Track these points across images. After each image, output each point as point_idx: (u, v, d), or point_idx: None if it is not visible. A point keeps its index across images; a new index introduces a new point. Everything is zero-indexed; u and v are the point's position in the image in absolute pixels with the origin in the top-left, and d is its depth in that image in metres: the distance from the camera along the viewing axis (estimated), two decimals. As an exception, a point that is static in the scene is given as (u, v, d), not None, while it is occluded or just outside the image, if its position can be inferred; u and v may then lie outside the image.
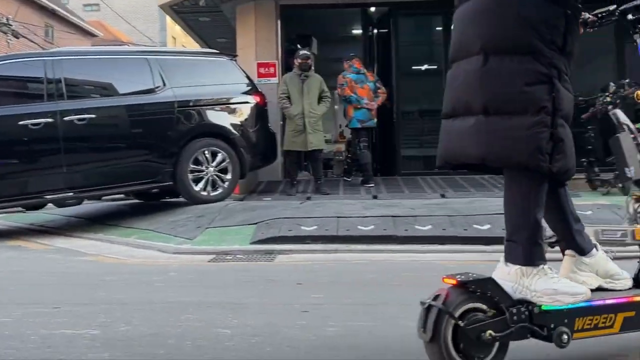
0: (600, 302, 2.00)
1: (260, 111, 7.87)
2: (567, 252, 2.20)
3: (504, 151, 1.93)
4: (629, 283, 2.17)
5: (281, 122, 8.67)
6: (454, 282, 1.86)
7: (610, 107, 5.51)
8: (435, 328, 1.81)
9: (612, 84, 5.50)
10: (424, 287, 2.02)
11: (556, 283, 1.97)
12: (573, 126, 1.85)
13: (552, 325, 1.90)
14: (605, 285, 2.13)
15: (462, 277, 1.87)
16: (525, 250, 1.97)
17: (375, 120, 8.65)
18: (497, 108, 1.93)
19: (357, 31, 11.57)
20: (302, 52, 8.31)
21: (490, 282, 1.92)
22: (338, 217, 6.10)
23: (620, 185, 7.40)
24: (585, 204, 6.41)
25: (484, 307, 1.87)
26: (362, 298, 3.33)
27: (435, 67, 10.43)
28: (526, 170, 1.96)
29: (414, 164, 10.04)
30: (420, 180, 8.64)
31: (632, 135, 5.38)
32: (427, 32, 11.05)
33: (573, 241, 2.19)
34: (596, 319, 1.97)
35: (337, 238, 5.63)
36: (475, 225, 5.77)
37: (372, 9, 10.75)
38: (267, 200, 7.51)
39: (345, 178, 8.68)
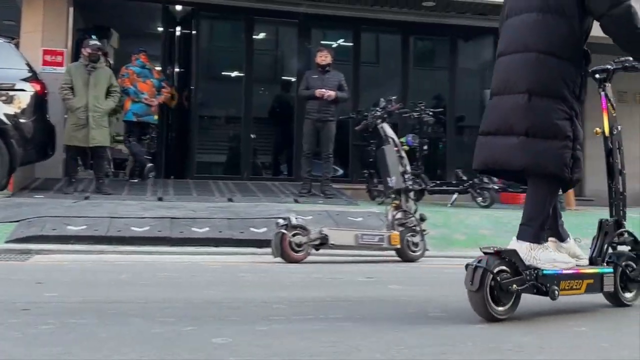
0: (575, 271, 2.92)
1: (38, 101, 7.26)
2: (551, 238, 3.04)
3: (542, 163, 2.82)
4: (587, 262, 3.10)
5: (65, 116, 8.06)
6: (491, 251, 2.67)
7: (379, 121, 5.97)
8: (480, 281, 2.57)
9: (382, 99, 5.87)
10: (169, 287, 1.92)
11: (554, 255, 2.89)
12: (355, 140, 2.06)
13: (548, 285, 2.75)
14: (575, 263, 3.01)
15: (496, 248, 2.68)
16: (536, 233, 2.85)
17: (156, 117, 8.65)
18: (536, 133, 2.81)
19: (161, 29, 11.23)
20: (92, 42, 7.83)
21: (513, 252, 2.74)
22: (111, 217, 5.80)
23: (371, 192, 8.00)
24: (360, 211, 6.81)
25: (509, 269, 2.67)
26: (95, 297, 3.13)
27: (237, 74, 10.45)
28: (553, 178, 2.86)
29: (209, 169, 9.95)
30: (212, 184, 8.56)
31: (395, 148, 5.85)
32: (230, 37, 11.05)
33: (557, 231, 3.12)
34: (572, 283, 2.88)
35: (105, 239, 5.35)
36: (252, 229, 5.82)
37: (178, 7, 10.50)
38: (38, 198, 6.90)
39: (132, 179, 8.33)
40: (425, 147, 8.61)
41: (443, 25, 10.26)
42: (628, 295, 3.15)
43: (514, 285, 2.66)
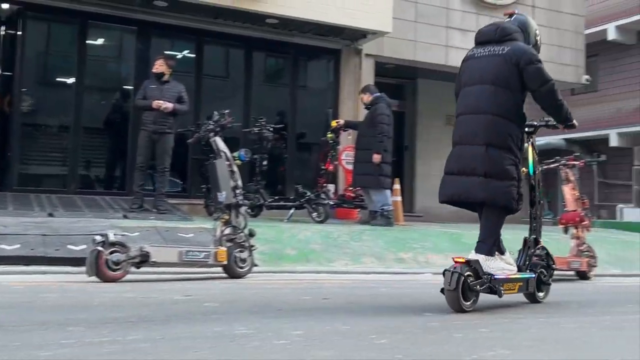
0: (514, 276, 3.91)
1: None
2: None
3: (497, 198, 3.76)
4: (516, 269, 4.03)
5: None
6: (462, 260, 3.57)
7: (211, 134, 5.84)
8: (457, 283, 3.46)
9: (215, 112, 5.75)
10: None
11: (503, 265, 3.86)
12: (195, 153, 1.90)
13: (497, 286, 3.69)
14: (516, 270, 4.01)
15: (466, 258, 3.61)
16: (490, 248, 3.79)
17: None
18: (492, 175, 3.74)
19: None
20: None
21: (476, 262, 3.65)
22: None
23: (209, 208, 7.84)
24: (192, 227, 6.59)
25: (473, 274, 3.59)
26: None
27: (68, 80, 9.76)
28: (504, 209, 3.82)
29: (32, 181, 9.14)
30: (33, 198, 7.89)
31: (227, 162, 5.75)
32: (62, 41, 10.32)
33: (499, 246, 3.92)
34: (510, 285, 3.88)
35: None
36: (69, 246, 5.40)
37: (4, 5, 9.61)
38: None
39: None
40: (265, 163, 8.60)
41: (286, 43, 10.40)
42: (541, 294, 4.23)
43: (478, 286, 3.62)
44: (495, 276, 3.69)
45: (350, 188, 8.89)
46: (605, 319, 3.83)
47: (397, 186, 9.43)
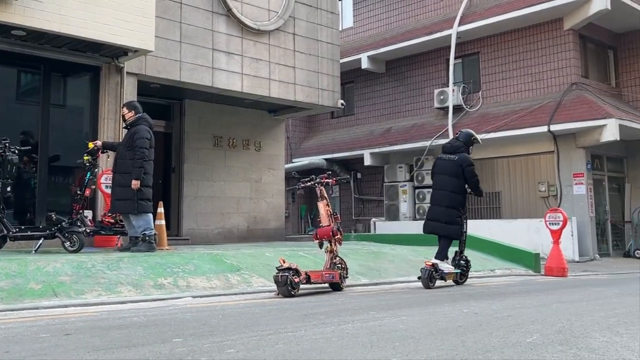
0: (451, 271, 7.88)
1: None
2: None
3: (451, 233, 7.84)
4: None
5: None
6: (430, 263, 7.58)
7: None
8: (427, 274, 7.49)
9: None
10: None
11: (447, 265, 7.81)
12: None
13: (444, 276, 7.76)
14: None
15: (432, 262, 7.62)
16: (443, 257, 7.76)
17: None
18: (449, 222, 7.78)
19: None
20: None
21: (436, 264, 7.60)
22: None
23: None
24: None
25: (435, 270, 7.59)
26: None
27: None
28: (453, 239, 7.89)
29: None
30: None
31: None
32: None
33: (446, 256, 7.87)
34: (450, 275, 7.90)
35: None
36: None
37: None
38: None
39: None
40: (9, 189, 7.74)
41: (38, 57, 9.56)
42: (461, 281, 8.12)
43: (437, 276, 7.54)
44: (445, 271, 7.68)
45: (109, 214, 8.42)
46: (347, 327, 4.08)
47: (160, 210, 9.16)
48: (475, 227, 15.09)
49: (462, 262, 8.01)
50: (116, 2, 9.11)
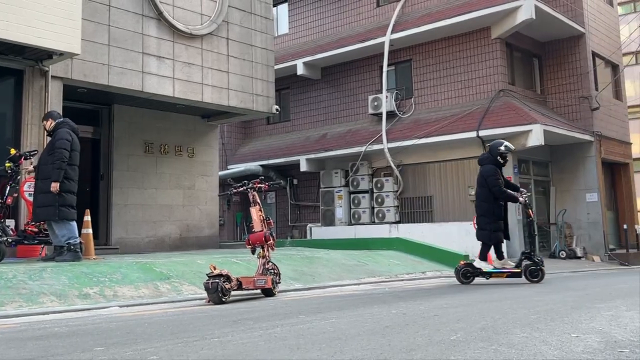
0: (506, 270, 8.84)
1: None
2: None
3: (482, 238, 8.89)
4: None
5: None
6: (464, 262, 8.88)
7: None
8: (460, 272, 8.74)
9: None
10: None
11: (485, 264, 9.07)
12: None
13: (487, 276, 8.85)
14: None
15: (466, 262, 8.96)
16: (482, 258, 8.92)
17: None
18: (479, 227, 8.93)
19: None
20: None
21: (470, 263, 8.83)
22: None
23: None
24: None
25: (470, 268, 8.74)
26: None
27: None
28: (484, 242, 8.94)
29: None
30: None
31: None
32: None
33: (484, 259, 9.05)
34: (501, 275, 8.77)
35: None
36: None
37: None
38: None
39: None
40: None
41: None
42: (535, 279, 8.54)
43: (473, 275, 8.68)
44: (483, 270, 8.66)
45: (32, 223, 8.09)
46: (275, 331, 4.06)
47: (87, 218, 8.88)
48: (408, 231, 15.38)
49: (528, 261, 8.57)
50: (40, 4, 8.79)
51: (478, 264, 8.76)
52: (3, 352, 3.59)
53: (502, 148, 8.72)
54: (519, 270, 8.56)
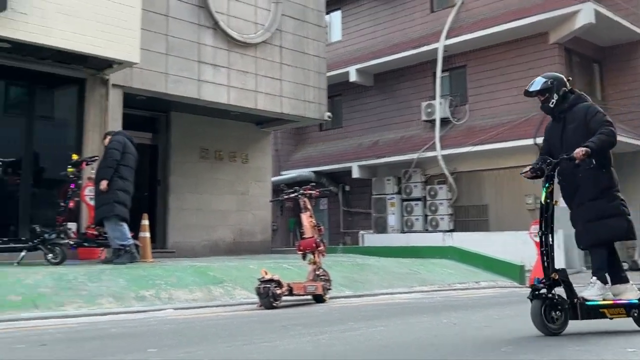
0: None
1: None
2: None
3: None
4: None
5: None
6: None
7: None
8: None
9: None
10: None
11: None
12: None
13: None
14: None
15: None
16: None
17: None
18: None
19: None
20: None
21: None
22: None
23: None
24: None
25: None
26: None
27: None
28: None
29: None
30: None
31: None
32: None
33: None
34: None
35: None
36: None
37: None
38: None
39: None
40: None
41: (21, 69, 9.55)
42: None
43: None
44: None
45: (93, 226, 8.39)
46: (323, 337, 4.08)
47: (145, 222, 9.14)
48: (462, 240, 15.14)
49: None
50: (101, 15, 9.12)
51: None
52: (63, 350, 3.75)
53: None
54: None
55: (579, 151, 4.24)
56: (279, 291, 6.21)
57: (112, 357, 3.41)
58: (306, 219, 7.03)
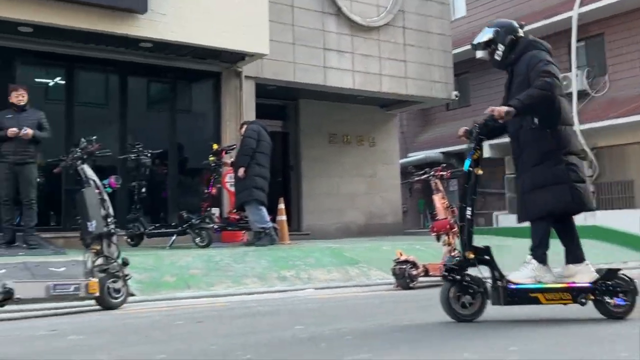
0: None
1: None
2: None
3: None
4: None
5: None
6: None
7: (78, 162, 5.65)
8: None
9: (82, 140, 5.56)
10: None
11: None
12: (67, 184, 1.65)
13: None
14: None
15: None
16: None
17: None
18: None
19: None
20: None
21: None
22: None
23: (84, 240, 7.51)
24: (64, 260, 6.29)
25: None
26: None
27: None
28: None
29: None
30: None
31: (97, 190, 5.58)
32: None
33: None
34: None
35: None
36: None
37: None
38: None
39: None
40: (144, 190, 8.40)
41: (164, 67, 10.26)
42: None
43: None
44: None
45: (234, 210, 8.88)
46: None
47: (281, 205, 9.52)
48: (606, 218, 14.21)
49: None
50: (232, 11, 9.56)
51: None
52: (217, 327, 4.04)
53: None
54: None
55: (500, 109, 3.67)
56: (415, 272, 6.24)
57: (262, 334, 3.62)
58: (439, 201, 6.96)
